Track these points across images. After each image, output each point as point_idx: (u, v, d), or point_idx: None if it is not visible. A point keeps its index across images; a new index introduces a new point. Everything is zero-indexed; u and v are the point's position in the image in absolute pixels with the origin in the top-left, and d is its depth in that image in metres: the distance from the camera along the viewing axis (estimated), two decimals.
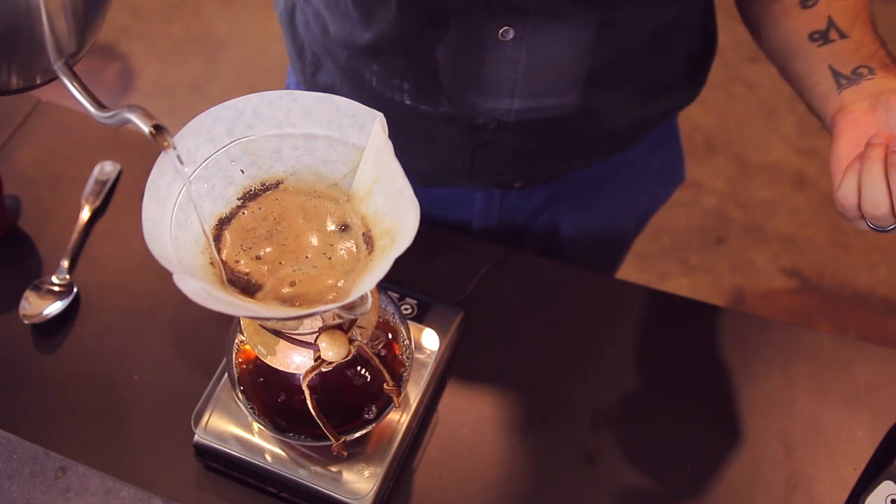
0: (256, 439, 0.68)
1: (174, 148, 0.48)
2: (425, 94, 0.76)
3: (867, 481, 0.66)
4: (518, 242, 0.95)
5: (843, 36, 0.68)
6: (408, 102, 0.77)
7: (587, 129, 0.80)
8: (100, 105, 0.50)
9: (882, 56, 0.67)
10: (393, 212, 0.50)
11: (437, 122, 0.78)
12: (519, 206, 0.91)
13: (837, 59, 0.67)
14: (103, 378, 0.76)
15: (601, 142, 0.84)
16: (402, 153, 0.87)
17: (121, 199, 0.87)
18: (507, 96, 0.74)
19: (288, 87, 0.98)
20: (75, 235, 0.83)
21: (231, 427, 0.68)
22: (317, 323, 0.53)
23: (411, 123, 0.79)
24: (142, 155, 0.90)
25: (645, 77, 0.79)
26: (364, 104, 0.80)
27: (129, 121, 0.47)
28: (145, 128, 0.46)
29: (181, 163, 0.49)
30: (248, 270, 0.52)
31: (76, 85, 0.51)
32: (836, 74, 0.67)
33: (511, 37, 0.69)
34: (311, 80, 0.86)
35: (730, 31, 0.86)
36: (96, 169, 0.88)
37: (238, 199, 0.54)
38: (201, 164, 0.52)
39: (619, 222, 0.99)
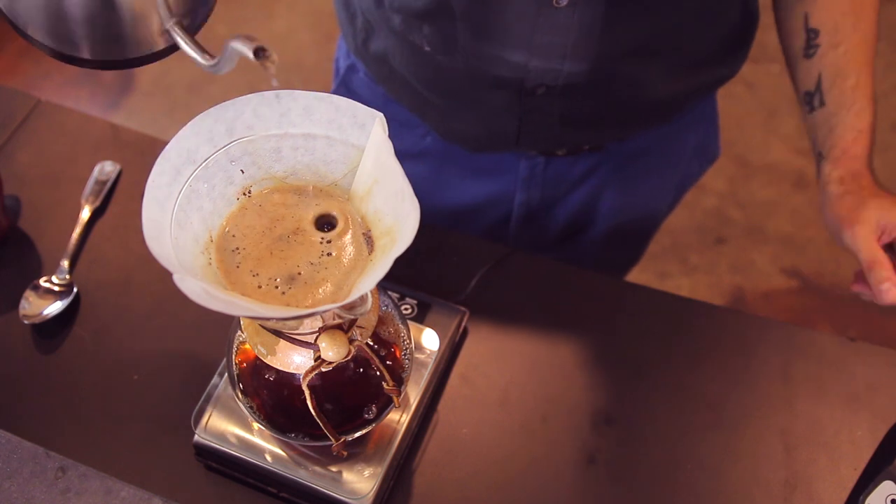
0: (256, 439, 0.68)
1: (274, 64, 0.47)
2: (478, 57, 0.77)
3: (867, 481, 0.66)
4: (555, 218, 0.97)
5: (821, 104, 0.74)
6: (459, 66, 0.78)
7: (631, 98, 0.82)
8: (208, 54, 0.49)
9: (845, 125, 0.73)
10: (393, 212, 0.50)
11: (487, 86, 0.79)
12: (561, 177, 0.92)
13: (815, 134, 0.76)
14: (103, 378, 0.76)
15: (644, 111, 0.86)
16: (452, 119, 0.88)
17: (121, 199, 0.87)
18: (558, 61, 0.75)
19: (337, 59, 1.00)
20: (75, 235, 0.83)
21: (231, 427, 0.68)
22: (317, 323, 0.53)
23: (462, 88, 0.81)
24: (142, 155, 0.90)
25: (688, 49, 0.80)
26: (417, 68, 0.82)
27: (237, 52, 0.46)
28: (248, 51, 0.45)
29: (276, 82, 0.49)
30: (247, 269, 0.52)
31: (189, 41, 0.50)
32: (814, 154, 0.76)
33: (565, 3, 0.70)
34: (363, 46, 0.87)
35: None
36: (96, 169, 0.88)
37: (238, 199, 0.54)
38: (201, 164, 0.52)
39: (655, 198, 1.01)
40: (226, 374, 0.70)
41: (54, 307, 0.78)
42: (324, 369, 0.55)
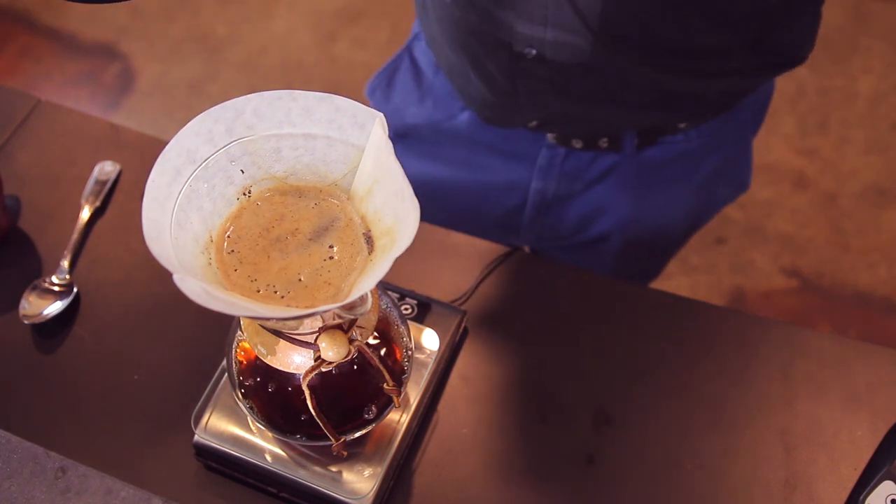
0: (256, 439, 0.68)
1: None
2: (469, 7, 0.78)
3: (867, 481, 0.66)
4: (567, 215, 0.97)
5: None
6: (456, 14, 0.79)
7: (624, 84, 0.81)
8: None
9: None
10: (393, 212, 0.50)
11: (482, 46, 0.80)
12: (578, 173, 0.93)
13: None
14: (103, 378, 0.76)
15: (637, 101, 0.84)
16: (466, 81, 0.88)
17: (121, 199, 0.87)
18: (540, 24, 0.75)
19: (413, 28, 1.01)
20: (75, 235, 0.83)
21: (231, 427, 0.68)
22: (317, 323, 0.53)
23: (468, 46, 0.82)
24: (142, 155, 0.91)
25: (676, 43, 0.76)
26: (442, 22, 0.83)
27: None
28: None
29: None
30: (247, 269, 0.52)
31: None
32: None
33: None
34: (421, 8, 0.91)
35: None
36: (96, 169, 0.88)
37: (238, 199, 0.54)
38: (201, 164, 0.52)
39: (672, 216, 0.99)
40: (226, 374, 0.70)
41: (54, 307, 0.78)
42: (324, 369, 0.55)
